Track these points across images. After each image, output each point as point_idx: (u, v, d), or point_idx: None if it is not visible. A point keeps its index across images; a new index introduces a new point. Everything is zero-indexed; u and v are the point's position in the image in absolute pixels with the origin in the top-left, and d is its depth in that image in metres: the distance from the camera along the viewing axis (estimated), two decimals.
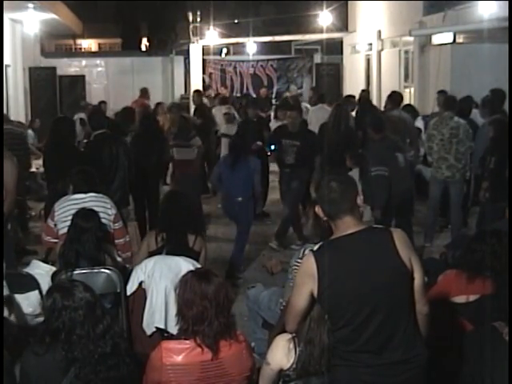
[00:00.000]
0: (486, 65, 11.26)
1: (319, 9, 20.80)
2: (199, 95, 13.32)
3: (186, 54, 20.72)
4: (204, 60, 20.51)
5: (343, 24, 20.88)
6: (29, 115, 17.22)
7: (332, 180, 3.27)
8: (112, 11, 36.55)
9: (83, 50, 35.73)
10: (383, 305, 3.14)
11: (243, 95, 18.66)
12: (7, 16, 14.89)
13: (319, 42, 21.46)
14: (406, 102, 13.21)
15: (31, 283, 4.83)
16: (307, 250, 4.27)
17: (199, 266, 4.58)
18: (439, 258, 6.05)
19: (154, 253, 4.95)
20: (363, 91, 13.63)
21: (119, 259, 5.34)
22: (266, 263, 5.29)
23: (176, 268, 4.59)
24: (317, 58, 22.21)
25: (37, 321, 4.90)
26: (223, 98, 13.89)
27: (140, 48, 33.50)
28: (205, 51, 20.47)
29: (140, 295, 4.70)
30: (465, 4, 12.68)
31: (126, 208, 7.28)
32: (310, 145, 8.43)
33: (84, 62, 22.58)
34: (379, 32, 17.18)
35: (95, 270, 4.78)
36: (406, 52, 15.77)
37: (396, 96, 10.03)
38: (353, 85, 18.76)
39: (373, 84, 17.63)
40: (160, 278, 4.62)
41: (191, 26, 19.97)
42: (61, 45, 34.58)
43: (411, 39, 14.67)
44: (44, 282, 4.84)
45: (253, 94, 19.85)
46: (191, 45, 19.74)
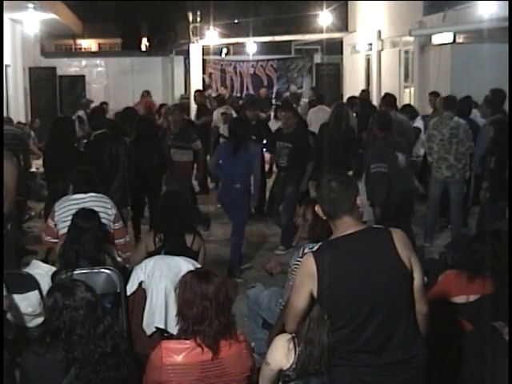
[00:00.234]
0: (486, 65, 11.26)
1: (319, 9, 20.81)
2: (201, 95, 13.30)
3: (186, 54, 20.73)
4: (204, 60, 20.52)
5: (343, 24, 20.89)
6: (29, 115, 17.23)
7: (332, 180, 3.26)
8: (112, 11, 36.56)
9: (83, 50, 35.73)
10: (383, 305, 3.14)
11: (245, 96, 18.69)
12: (7, 16, 14.90)
13: (319, 42, 21.47)
14: (406, 102, 13.29)
15: (31, 283, 4.84)
16: (307, 250, 4.30)
17: (199, 266, 4.58)
18: (439, 259, 6.05)
19: (153, 253, 4.94)
20: (363, 91, 13.65)
21: (119, 259, 5.34)
22: (266, 265, 5.31)
23: (176, 268, 4.59)
24: (317, 58, 22.23)
25: (37, 321, 4.91)
26: (222, 99, 13.84)
27: (140, 48, 33.50)
28: (205, 51, 20.49)
29: (140, 295, 4.70)
30: (465, 4, 12.69)
31: (126, 208, 7.28)
32: (302, 147, 8.21)
33: (84, 62, 22.60)
34: (379, 32, 17.18)
35: (95, 270, 4.78)
36: (406, 52, 15.78)
37: (390, 98, 10.00)
38: (353, 85, 18.77)
39: (373, 84, 17.63)
40: (160, 278, 4.62)
41: (191, 26, 19.99)
42: (61, 45, 34.58)
43: (411, 39, 14.68)
44: (44, 282, 4.84)
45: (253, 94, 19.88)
46: (191, 45, 19.76)
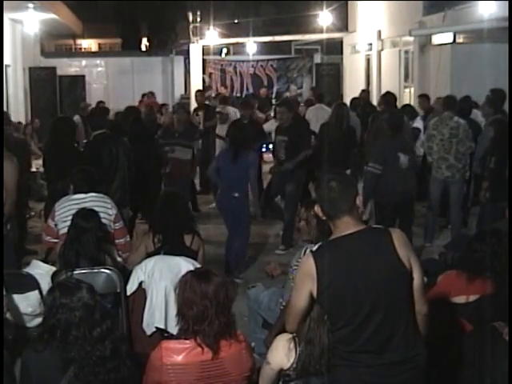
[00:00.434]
0: (486, 65, 11.25)
1: (319, 9, 20.81)
2: (202, 95, 13.34)
3: (186, 54, 20.73)
4: (204, 60, 20.52)
5: (343, 24, 20.88)
6: (29, 115, 17.23)
7: (331, 180, 3.26)
8: (112, 11, 36.52)
9: (83, 50, 35.72)
10: (382, 305, 3.14)
11: (245, 96, 18.66)
12: (7, 16, 14.90)
13: (319, 42, 21.47)
14: (406, 103, 13.27)
15: (31, 283, 4.84)
16: (308, 251, 4.30)
17: (199, 266, 4.58)
18: (439, 259, 6.05)
19: (152, 253, 4.94)
20: (363, 91, 13.64)
21: (119, 259, 5.34)
22: (266, 268, 5.33)
23: (176, 268, 4.59)
24: (317, 58, 22.22)
25: (37, 321, 4.91)
26: (225, 99, 13.83)
27: (140, 48, 33.49)
28: (205, 51, 20.48)
29: (140, 295, 4.70)
30: (465, 4, 12.68)
31: (126, 208, 7.27)
32: (298, 139, 8.28)
33: (84, 62, 22.60)
34: (379, 32, 17.18)
35: (95, 270, 4.77)
36: (406, 52, 15.77)
37: (390, 97, 9.91)
38: (353, 85, 18.76)
39: (373, 84, 17.62)
40: (160, 278, 4.62)
41: (191, 26, 19.98)
42: (61, 45, 34.57)
43: (411, 39, 14.67)
44: (44, 282, 4.84)
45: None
46: (191, 45, 19.75)
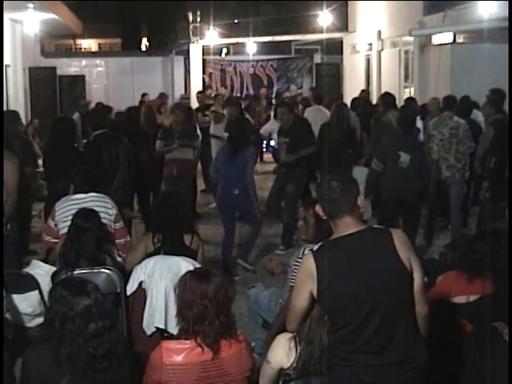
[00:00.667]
0: (486, 65, 11.26)
1: (319, 9, 20.81)
2: (204, 95, 13.42)
3: (186, 54, 20.74)
4: (204, 60, 20.53)
5: (343, 24, 20.89)
6: (29, 115, 17.22)
7: (333, 179, 3.26)
8: (112, 11, 36.54)
9: (83, 50, 35.75)
10: (383, 305, 3.14)
11: (245, 96, 18.70)
12: (7, 16, 14.89)
13: (319, 42, 21.47)
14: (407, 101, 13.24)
15: (31, 283, 4.83)
16: (307, 250, 4.30)
17: (199, 266, 4.58)
18: (439, 259, 6.05)
19: (152, 254, 4.94)
20: (363, 91, 13.64)
21: (119, 259, 5.34)
22: (267, 265, 5.33)
23: (176, 268, 4.59)
24: (317, 58, 22.22)
25: (37, 321, 4.91)
26: (229, 99, 13.85)
27: (140, 48, 33.52)
28: (205, 51, 20.50)
29: (140, 295, 4.70)
30: (465, 4, 12.69)
31: (127, 208, 7.27)
32: (299, 140, 8.24)
33: (84, 62, 22.61)
34: (379, 32, 17.18)
35: (95, 270, 4.77)
36: (406, 52, 15.77)
37: (389, 97, 9.87)
38: (353, 85, 18.76)
39: (373, 84, 17.63)
40: (160, 278, 4.62)
41: (191, 26, 20.01)
42: (61, 45, 34.59)
43: (411, 39, 14.67)
44: (44, 282, 4.83)
45: (253, 94, 19.89)
46: (191, 45, 19.77)
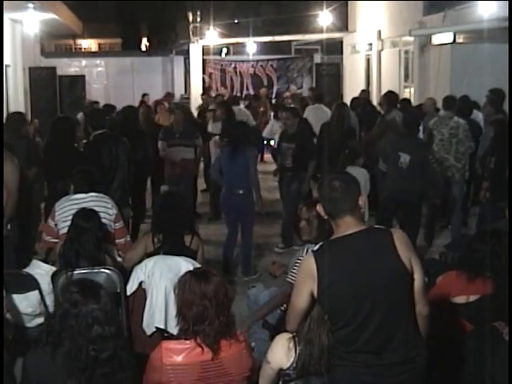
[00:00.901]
0: (486, 65, 11.24)
1: (319, 9, 20.81)
2: (209, 96, 13.48)
3: (186, 54, 20.75)
4: (204, 60, 20.53)
5: (343, 24, 20.88)
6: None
7: (335, 179, 3.26)
8: (112, 11, 36.58)
9: (83, 50, 35.76)
10: (383, 305, 3.14)
11: (245, 96, 18.71)
12: (7, 16, 14.88)
13: (319, 42, 21.48)
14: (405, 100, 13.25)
15: (31, 283, 4.83)
16: (308, 250, 4.30)
17: (199, 266, 4.58)
18: (439, 259, 6.05)
19: (152, 254, 4.94)
20: (363, 91, 13.64)
21: (119, 259, 5.34)
22: (269, 267, 5.34)
23: (176, 268, 4.59)
24: (317, 58, 22.23)
25: (37, 321, 4.91)
26: (235, 99, 13.92)
27: (140, 48, 33.55)
28: (205, 51, 20.50)
29: (140, 295, 4.70)
30: (465, 4, 12.68)
31: (127, 208, 7.27)
32: (305, 147, 8.25)
33: (84, 62, 22.62)
34: (379, 32, 17.17)
35: (95, 270, 4.77)
36: (406, 52, 15.76)
37: (392, 96, 9.84)
38: (353, 85, 18.76)
39: (373, 84, 17.62)
40: (160, 278, 4.62)
41: (191, 26, 20.01)
42: (61, 45, 34.61)
43: (411, 39, 14.67)
44: (44, 282, 4.83)
45: (252, 94, 19.89)
46: (191, 45, 19.77)
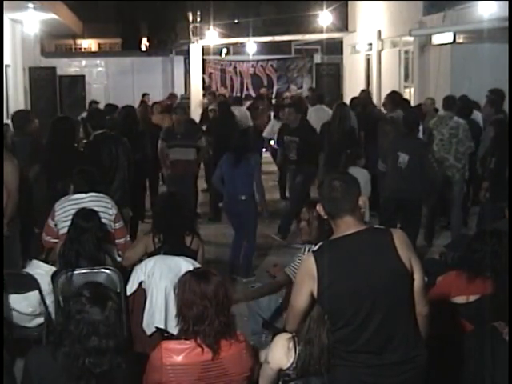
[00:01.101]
0: (486, 65, 11.24)
1: (319, 9, 20.80)
2: (215, 96, 13.49)
3: (186, 54, 20.74)
4: (204, 60, 20.52)
5: (343, 24, 20.88)
6: None
7: (335, 179, 3.27)
8: (112, 11, 36.60)
9: (83, 50, 35.78)
10: (383, 305, 3.14)
11: (245, 96, 18.70)
12: (7, 16, 14.88)
13: (319, 42, 21.48)
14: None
15: (31, 283, 4.83)
16: (308, 251, 4.30)
17: (199, 266, 4.58)
18: (439, 259, 6.05)
19: (152, 254, 4.94)
20: (363, 91, 13.62)
21: (119, 259, 5.34)
22: (270, 269, 5.34)
23: (176, 268, 4.59)
24: (317, 58, 22.23)
25: (37, 321, 4.91)
26: (237, 99, 13.95)
27: (140, 48, 33.55)
28: (205, 51, 20.49)
29: (140, 295, 4.70)
30: (465, 4, 12.68)
31: (126, 208, 7.27)
32: (310, 140, 8.61)
33: (84, 62, 22.62)
34: (379, 32, 17.17)
35: (95, 270, 4.77)
36: (406, 52, 15.77)
37: (395, 96, 9.88)
38: (353, 85, 18.76)
39: (373, 84, 17.62)
40: (160, 278, 4.62)
41: (191, 26, 20.00)
42: (61, 45, 34.62)
43: (411, 39, 14.67)
44: (44, 282, 4.84)
45: (252, 94, 19.91)
46: (191, 45, 19.76)
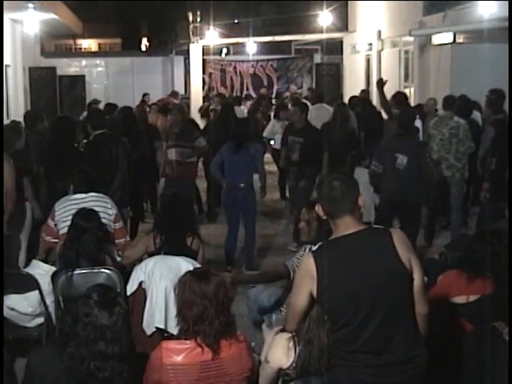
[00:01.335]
0: (486, 65, 11.25)
1: (319, 9, 20.83)
2: (223, 98, 13.52)
3: (186, 54, 20.75)
4: (204, 60, 20.53)
5: (343, 24, 20.89)
6: None
7: (334, 179, 3.26)
8: (112, 11, 36.60)
9: (83, 50, 35.78)
10: (382, 305, 3.13)
11: (245, 96, 18.70)
12: (7, 16, 14.89)
13: (319, 42, 21.50)
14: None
15: (31, 283, 4.84)
16: (307, 251, 4.30)
17: (199, 266, 4.58)
18: (439, 259, 6.05)
19: (153, 254, 4.95)
20: (363, 91, 13.64)
21: (119, 259, 5.34)
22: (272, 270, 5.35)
23: (176, 268, 4.59)
24: (317, 58, 22.25)
25: (37, 321, 4.92)
26: (238, 98, 13.98)
27: (140, 48, 33.53)
28: (205, 51, 20.49)
29: (140, 295, 4.70)
30: (465, 4, 12.69)
31: (126, 208, 7.27)
32: (314, 141, 8.44)
33: (84, 62, 22.63)
34: (379, 32, 17.18)
35: (95, 270, 4.78)
36: (406, 52, 15.77)
37: (401, 96, 9.80)
38: (353, 85, 18.77)
39: (373, 84, 17.59)
40: (160, 278, 4.62)
41: (191, 26, 20.00)
42: (61, 45, 34.63)
43: (411, 39, 14.68)
44: (44, 282, 4.84)
45: (252, 94, 19.92)
46: (191, 45, 19.76)
